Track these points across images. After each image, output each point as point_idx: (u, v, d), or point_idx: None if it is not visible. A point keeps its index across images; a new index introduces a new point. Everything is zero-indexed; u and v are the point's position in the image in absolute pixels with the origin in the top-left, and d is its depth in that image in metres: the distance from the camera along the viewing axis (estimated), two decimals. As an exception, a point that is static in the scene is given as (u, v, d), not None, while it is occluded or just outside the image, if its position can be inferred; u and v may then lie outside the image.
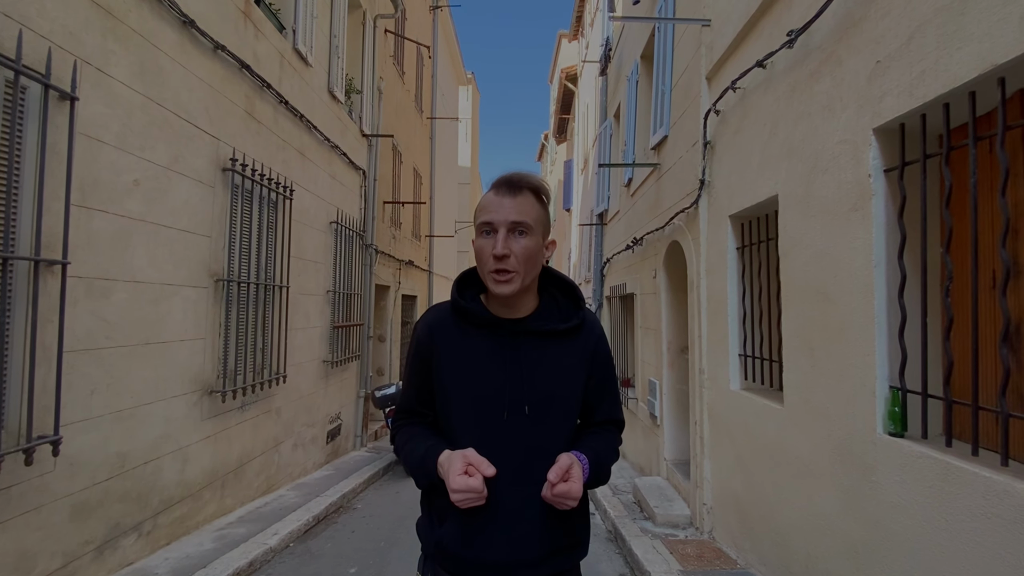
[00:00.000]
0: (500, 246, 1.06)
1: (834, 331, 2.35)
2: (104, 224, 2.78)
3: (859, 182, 2.18)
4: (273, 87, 4.50)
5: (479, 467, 1.02)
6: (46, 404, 2.41)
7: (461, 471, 1.02)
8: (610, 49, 8.48)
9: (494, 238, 1.08)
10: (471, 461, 1.03)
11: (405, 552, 3.64)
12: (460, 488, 1.00)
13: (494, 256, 1.07)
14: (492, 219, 1.08)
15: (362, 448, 7.07)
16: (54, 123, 2.44)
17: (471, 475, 1.01)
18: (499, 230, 1.07)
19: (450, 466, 1.04)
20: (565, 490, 1.02)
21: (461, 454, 1.05)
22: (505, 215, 1.07)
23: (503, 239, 1.06)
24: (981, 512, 1.59)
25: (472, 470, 1.02)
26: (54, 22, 2.46)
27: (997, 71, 1.57)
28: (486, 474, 1.01)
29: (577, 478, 1.05)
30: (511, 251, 1.06)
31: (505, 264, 1.07)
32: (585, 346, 1.19)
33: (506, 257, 1.06)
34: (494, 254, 1.07)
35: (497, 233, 1.07)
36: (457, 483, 1.00)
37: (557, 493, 1.03)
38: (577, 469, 1.06)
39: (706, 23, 3.88)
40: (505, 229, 1.07)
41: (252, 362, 4.24)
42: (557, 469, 1.03)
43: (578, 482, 1.04)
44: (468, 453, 1.04)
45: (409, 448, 1.17)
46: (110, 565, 2.86)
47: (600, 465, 1.16)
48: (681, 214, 4.31)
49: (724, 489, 3.59)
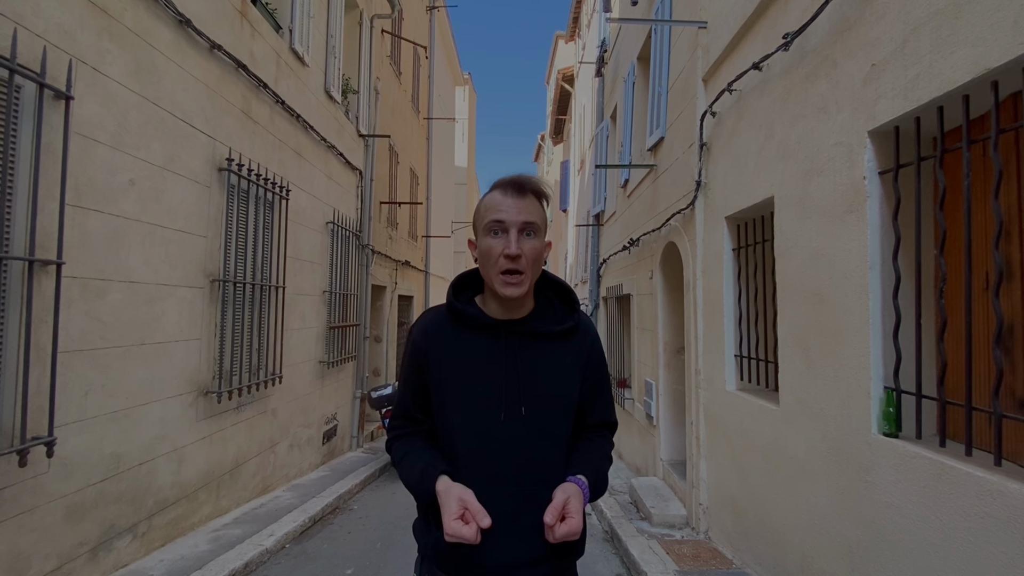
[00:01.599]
0: (514, 246, 1.05)
1: (829, 332, 2.37)
2: (99, 224, 2.77)
3: (854, 184, 2.20)
4: (269, 87, 4.49)
5: (475, 516, 1.00)
6: (40, 405, 2.39)
7: (456, 515, 1.00)
8: (606, 50, 8.51)
9: (505, 238, 1.07)
10: (468, 507, 1.01)
11: (402, 553, 3.63)
12: (453, 534, 0.99)
13: (506, 256, 1.06)
14: (504, 218, 1.07)
15: (358, 449, 7.06)
16: (49, 122, 2.42)
17: (467, 522, 1.00)
18: (510, 230, 1.07)
19: (446, 504, 1.02)
20: (566, 532, 1.02)
21: (458, 496, 1.03)
22: (517, 215, 1.07)
23: (516, 239, 1.06)
24: (975, 512, 1.60)
25: (468, 517, 1.01)
26: (49, 21, 2.45)
27: (990, 75, 1.58)
28: (482, 525, 1.00)
29: (575, 511, 1.04)
30: (522, 251, 1.06)
31: (517, 264, 1.07)
32: (581, 348, 1.20)
33: (518, 257, 1.06)
34: (507, 253, 1.06)
35: (508, 233, 1.07)
36: (451, 528, 0.99)
37: (560, 536, 1.02)
38: (575, 502, 1.06)
39: (702, 25, 3.90)
40: (516, 229, 1.07)
41: (248, 363, 4.23)
42: (553, 510, 1.03)
43: (577, 516, 1.04)
44: (467, 498, 1.03)
45: (407, 463, 1.16)
46: (104, 567, 2.84)
47: (599, 481, 1.18)
48: (677, 215, 4.33)
49: (720, 489, 3.60)
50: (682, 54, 4.42)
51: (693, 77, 4.08)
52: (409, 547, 1.30)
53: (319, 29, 5.64)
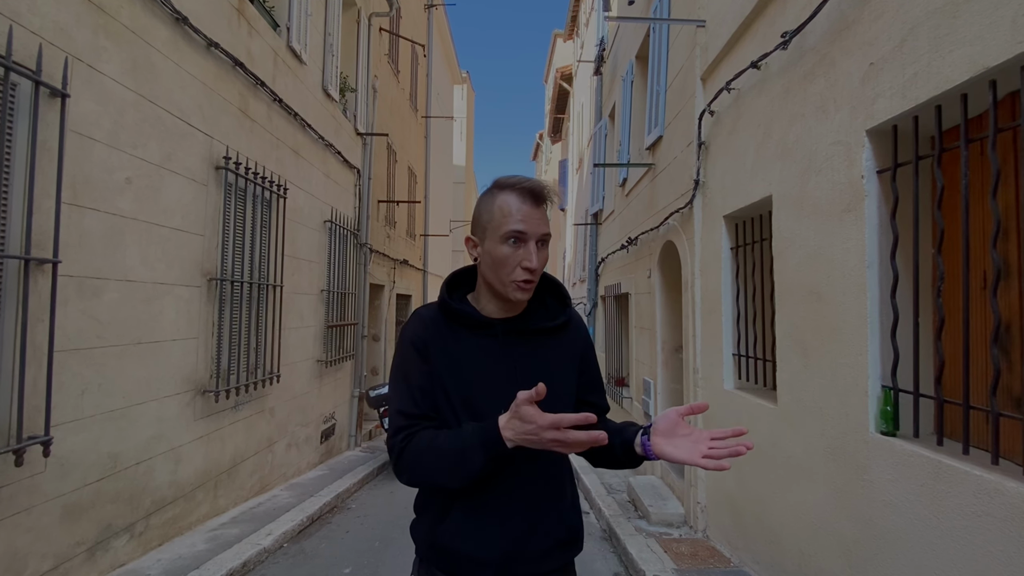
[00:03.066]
0: (535, 259, 1.08)
1: (827, 331, 2.37)
2: (95, 222, 2.76)
3: (852, 183, 2.20)
4: (267, 85, 4.47)
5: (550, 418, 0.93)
6: (36, 404, 2.38)
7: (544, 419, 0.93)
8: (605, 49, 8.50)
9: (525, 248, 1.08)
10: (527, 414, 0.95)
11: (400, 552, 3.63)
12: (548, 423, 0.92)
13: (525, 267, 1.08)
14: (526, 229, 1.08)
15: (356, 448, 7.05)
16: (45, 120, 2.41)
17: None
18: (530, 242, 1.08)
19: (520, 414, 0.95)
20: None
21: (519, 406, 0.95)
22: (537, 227, 1.09)
23: (535, 251, 1.08)
24: (972, 510, 1.61)
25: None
26: (45, 18, 2.44)
27: (989, 74, 1.58)
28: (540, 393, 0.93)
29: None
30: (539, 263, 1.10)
31: (534, 276, 1.09)
32: (574, 342, 1.22)
33: (538, 270, 1.09)
34: (527, 266, 1.08)
35: (528, 244, 1.08)
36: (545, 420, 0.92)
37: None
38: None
39: (701, 24, 3.89)
40: (535, 241, 1.09)
41: (246, 362, 4.22)
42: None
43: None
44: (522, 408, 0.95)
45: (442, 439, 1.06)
46: (101, 567, 2.84)
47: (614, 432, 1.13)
48: (676, 214, 4.33)
49: (718, 488, 3.60)
50: (680, 53, 4.42)
51: (691, 76, 4.07)
52: (407, 546, 1.29)
53: (317, 27, 5.62)
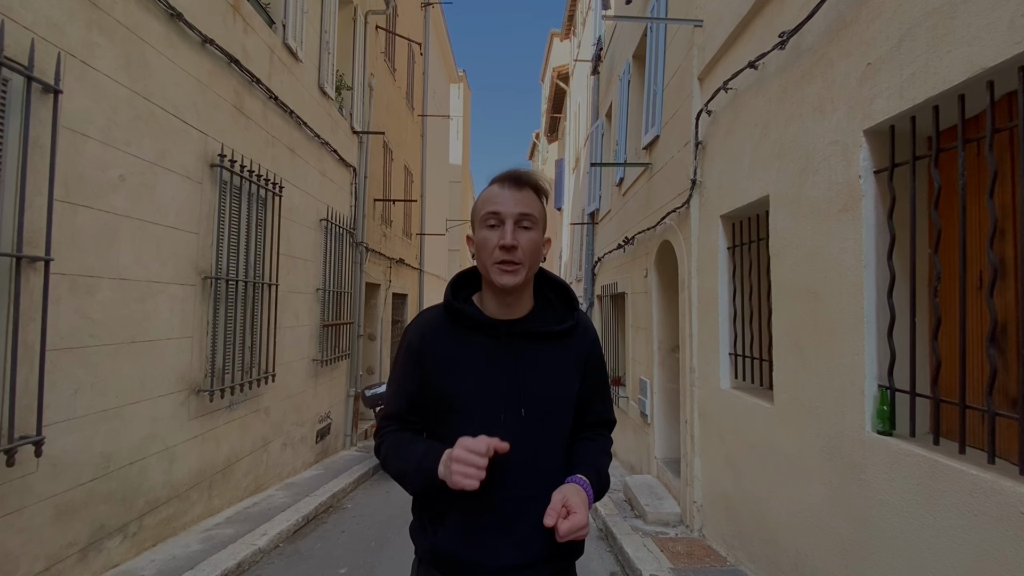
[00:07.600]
0: (509, 236, 1.05)
1: (824, 330, 2.37)
2: (89, 220, 2.73)
3: (849, 183, 2.20)
4: (262, 82, 4.44)
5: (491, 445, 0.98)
6: (28, 404, 2.36)
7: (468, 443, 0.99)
8: (602, 48, 8.49)
9: (501, 229, 1.07)
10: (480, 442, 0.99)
11: (396, 552, 3.62)
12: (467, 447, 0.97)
13: (501, 247, 1.06)
14: (499, 210, 1.07)
15: (352, 447, 7.03)
16: (37, 116, 2.38)
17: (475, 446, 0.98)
18: (506, 221, 1.07)
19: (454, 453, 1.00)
20: (570, 528, 0.99)
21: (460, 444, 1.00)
22: (513, 207, 1.07)
23: (511, 230, 1.06)
24: (968, 509, 1.61)
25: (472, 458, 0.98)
26: (37, 13, 2.41)
27: (986, 74, 1.59)
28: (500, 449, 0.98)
29: (578, 507, 1.02)
30: (518, 242, 1.06)
31: (512, 255, 1.06)
32: (580, 348, 1.19)
33: (514, 248, 1.06)
34: (502, 244, 1.05)
35: (504, 225, 1.07)
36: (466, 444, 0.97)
37: (565, 533, 1.00)
38: (575, 498, 1.03)
39: (698, 23, 3.89)
40: (512, 221, 1.07)
41: (240, 361, 4.19)
42: (551, 511, 1.01)
43: (581, 511, 1.01)
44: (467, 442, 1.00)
45: (404, 450, 1.13)
46: (94, 568, 2.81)
47: (601, 478, 1.16)
48: (672, 214, 4.33)
49: (714, 487, 3.61)
50: (678, 52, 4.42)
51: (688, 75, 4.07)
52: (403, 546, 1.28)
53: (313, 24, 5.59)
